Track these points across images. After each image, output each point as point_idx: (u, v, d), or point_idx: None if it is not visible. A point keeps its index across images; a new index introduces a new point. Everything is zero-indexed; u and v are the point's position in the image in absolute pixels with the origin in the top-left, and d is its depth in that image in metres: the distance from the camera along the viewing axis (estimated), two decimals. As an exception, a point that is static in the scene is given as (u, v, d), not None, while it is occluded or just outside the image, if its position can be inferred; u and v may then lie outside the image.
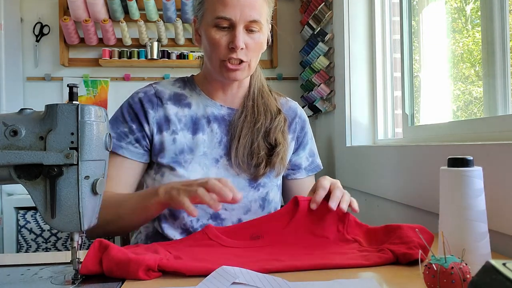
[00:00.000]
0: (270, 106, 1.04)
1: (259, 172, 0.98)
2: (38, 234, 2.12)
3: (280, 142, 1.01)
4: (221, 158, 1.00)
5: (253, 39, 0.93)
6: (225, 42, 0.91)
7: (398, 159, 1.25)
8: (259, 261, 0.69)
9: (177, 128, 0.98)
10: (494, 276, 0.38)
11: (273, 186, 1.04)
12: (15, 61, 2.53)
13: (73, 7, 2.46)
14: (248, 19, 0.90)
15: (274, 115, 1.03)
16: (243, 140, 0.99)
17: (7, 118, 0.59)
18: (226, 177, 0.97)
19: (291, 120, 1.08)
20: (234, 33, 0.90)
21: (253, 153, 0.99)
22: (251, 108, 1.02)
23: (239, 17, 0.89)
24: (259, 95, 1.05)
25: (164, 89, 1.02)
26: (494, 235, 0.70)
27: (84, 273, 0.64)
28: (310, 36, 2.38)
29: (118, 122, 0.99)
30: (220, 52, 0.92)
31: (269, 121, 1.02)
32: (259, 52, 0.97)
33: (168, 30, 2.69)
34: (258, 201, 1.01)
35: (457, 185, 0.62)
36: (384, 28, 1.77)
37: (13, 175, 0.59)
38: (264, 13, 0.94)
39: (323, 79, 2.17)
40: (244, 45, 0.91)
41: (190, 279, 0.62)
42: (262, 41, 0.96)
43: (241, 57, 0.92)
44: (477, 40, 1.31)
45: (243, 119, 1.00)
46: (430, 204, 1.03)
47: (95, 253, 0.65)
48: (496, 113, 1.02)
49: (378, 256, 0.69)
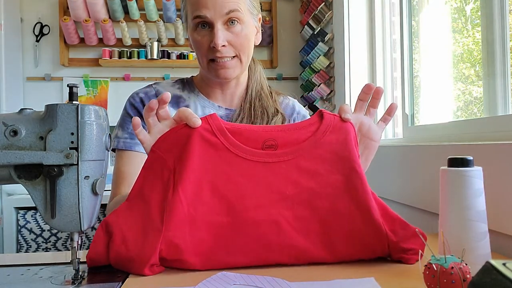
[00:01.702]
0: (268, 108, 1.03)
1: None
2: (38, 234, 2.12)
3: None
4: None
5: (235, 33, 0.91)
6: (206, 42, 0.90)
7: (398, 159, 1.25)
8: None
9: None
10: (494, 276, 0.38)
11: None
12: (15, 61, 2.53)
13: (73, 7, 2.47)
14: (223, 11, 0.88)
15: (272, 116, 1.02)
16: None
17: (7, 118, 0.59)
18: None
19: (289, 117, 1.08)
20: (213, 31, 0.89)
21: None
22: (248, 111, 1.01)
23: (214, 13, 0.88)
24: (256, 98, 1.03)
25: (164, 91, 1.02)
26: (494, 235, 0.70)
27: (92, 257, 0.65)
28: (310, 36, 2.38)
29: (126, 122, 0.99)
30: (203, 52, 0.92)
31: (266, 122, 1.01)
32: (247, 45, 0.94)
33: (168, 30, 2.69)
34: None
35: (457, 185, 0.62)
36: (384, 28, 1.77)
37: (13, 175, 0.59)
38: (242, 2, 0.91)
39: (323, 79, 2.17)
40: (225, 42, 0.89)
41: (190, 279, 0.62)
42: (247, 33, 0.93)
43: (226, 54, 0.90)
44: (477, 40, 1.31)
45: (240, 121, 1.00)
46: (430, 204, 1.03)
47: (102, 236, 0.66)
48: (496, 113, 1.02)
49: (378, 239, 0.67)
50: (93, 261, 0.66)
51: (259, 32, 1.01)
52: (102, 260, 0.66)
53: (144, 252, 0.64)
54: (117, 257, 0.65)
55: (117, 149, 0.99)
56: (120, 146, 0.98)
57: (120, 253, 0.65)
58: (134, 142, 0.97)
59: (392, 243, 0.68)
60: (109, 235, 0.66)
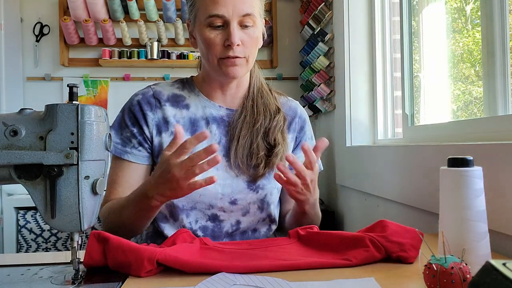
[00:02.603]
0: (270, 105, 1.03)
1: (258, 172, 0.97)
2: (38, 234, 2.12)
3: (279, 142, 1.00)
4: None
5: (248, 35, 0.91)
6: (220, 40, 0.90)
7: (398, 159, 1.25)
8: (257, 258, 0.70)
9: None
10: (494, 276, 0.38)
11: (273, 189, 1.02)
12: (15, 61, 2.53)
13: (73, 7, 2.47)
14: (240, 13, 0.89)
15: (274, 114, 1.02)
16: (242, 140, 0.98)
17: (7, 118, 0.59)
18: (225, 179, 0.96)
19: (291, 120, 1.07)
20: (229, 30, 0.89)
21: (252, 153, 0.97)
22: (250, 108, 1.01)
23: (232, 13, 0.88)
24: (259, 95, 1.03)
25: (163, 90, 1.01)
26: (494, 235, 0.70)
27: (89, 263, 0.65)
28: (310, 36, 2.38)
29: (121, 127, 0.99)
30: (217, 51, 0.91)
31: (268, 121, 1.01)
32: (255, 47, 0.96)
33: (168, 30, 2.69)
34: (256, 203, 1.00)
35: (457, 185, 0.62)
36: (384, 28, 1.77)
37: (13, 175, 0.59)
38: (256, 7, 0.92)
39: (323, 79, 2.17)
40: (240, 42, 0.90)
41: (190, 279, 0.62)
42: (257, 36, 0.95)
43: (238, 54, 0.91)
44: (477, 40, 1.31)
45: (242, 120, 0.99)
46: (430, 204, 1.03)
47: (95, 244, 0.66)
48: (496, 113, 1.02)
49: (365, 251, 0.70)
50: (90, 266, 0.67)
51: (264, 35, 1.01)
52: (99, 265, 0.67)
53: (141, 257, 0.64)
54: (114, 261, 0.65)
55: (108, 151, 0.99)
56: (111, 150, 0.96)
57: (117, 258, 0.65)
58: (124, 149, 0.97)
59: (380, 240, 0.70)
60: (103, 241, 0.66)
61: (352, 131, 1.84)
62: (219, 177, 0.97)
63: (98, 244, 0.66)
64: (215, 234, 0.97)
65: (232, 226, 0.98)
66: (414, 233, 0.72)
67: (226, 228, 0.98)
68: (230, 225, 0.98)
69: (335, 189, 2.09)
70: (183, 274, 0.64)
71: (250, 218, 1.00)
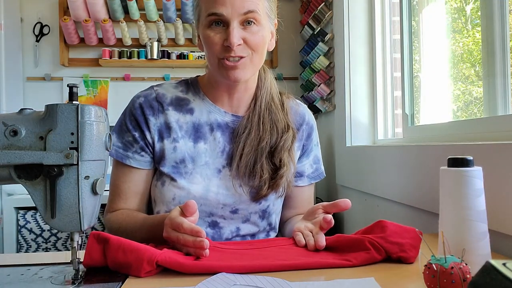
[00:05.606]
0: (278, 122, 0.97)
1: (261, 193, 0.94)
2: (38, 234, 2.12)
3: (285, 164, 0.95)
4: (223, 168, 0.95)
5: (251, 33, 0.87)
6: (220, 40, 0.86)
7: (398, 159, 1.25)
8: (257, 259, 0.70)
9: (178, 135, 0.94)
10: (494, 276, 0.38)
11: (276, 199, 1.00)
12: (15, 61, 2.53)
13: (73, 7, 2.46)
14: (241, 11, 0.85)
15: (281, 132, 0.96)
16: (246, 158, 0.93)
17: (7, 118, 0.59)
18: (227, 189, 0.94)
19: (298, 127, 1.03)
20: (229, 30, 0.85)
21: (255, 174, 0.93)
22: (256, 125, 0.96)
23: (231, 11, 0.84)
24: (266, 110, 0.98)
25: (166, 93, 0.97)
26: (494, 235, 0.70)
27: (89, 263, 0.65)
28: (310, 36, 2.38)
29: (122, 131, 0.96)
30: (216, 50, 0.87)
31: (275, 140, 0.96)
32: (261, 47, 0.90)
33: (168, 30, 2.69)
34: (258, 213, 0.98)
35: (457, 185, 0.62)
36: (384, 28, 1.77)
37: (13, 175, 0.59)
38: (261, 5, 0.88)
39: (323, 79, 2.17)
40: (241, 41, 0.86)
41: (190, 279, 0.62)
42: (263, 35, 0.89)
43: (239, 53, 0.86)
44: (477, 40, 1.31)
45: (246, 135, 0.94)
46: (430, 204, 1.03)
47: (95, 245, 0.66)
48: (496, 113, 1.02)
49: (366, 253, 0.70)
50: (89, 266, 0.67)
51: (273, 38, 0.97)
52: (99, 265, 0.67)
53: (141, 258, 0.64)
54: (114, 261, 0.65)
55: (110, 155, 0.98)
56: (112, 154, 0.95)
57: (116, 258, 0.65)
58: (126, 154, 0.95)
59: (379, 242, 0.70)
60: (103, 242, 0.66)
61: (352, 131, 1.84)
62: (221, 187, 0.94)
63: (98, 244, 0.66)
64: (214, 240, 0.96)
65: (232, 232, 0.97)
66: (413, 232, 0.72)
67: (226, 235, 0.96)
68: (230, 232, 0.97)
69: (335, 189, 2.09)
70: (183, 274, 0.65)
71: (250, 226, 0.98)
